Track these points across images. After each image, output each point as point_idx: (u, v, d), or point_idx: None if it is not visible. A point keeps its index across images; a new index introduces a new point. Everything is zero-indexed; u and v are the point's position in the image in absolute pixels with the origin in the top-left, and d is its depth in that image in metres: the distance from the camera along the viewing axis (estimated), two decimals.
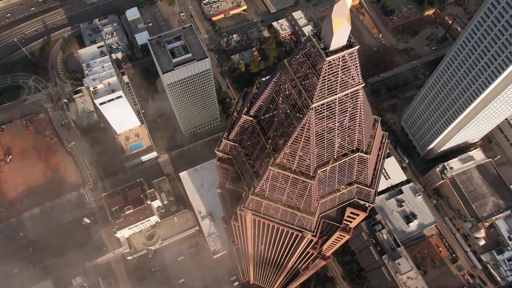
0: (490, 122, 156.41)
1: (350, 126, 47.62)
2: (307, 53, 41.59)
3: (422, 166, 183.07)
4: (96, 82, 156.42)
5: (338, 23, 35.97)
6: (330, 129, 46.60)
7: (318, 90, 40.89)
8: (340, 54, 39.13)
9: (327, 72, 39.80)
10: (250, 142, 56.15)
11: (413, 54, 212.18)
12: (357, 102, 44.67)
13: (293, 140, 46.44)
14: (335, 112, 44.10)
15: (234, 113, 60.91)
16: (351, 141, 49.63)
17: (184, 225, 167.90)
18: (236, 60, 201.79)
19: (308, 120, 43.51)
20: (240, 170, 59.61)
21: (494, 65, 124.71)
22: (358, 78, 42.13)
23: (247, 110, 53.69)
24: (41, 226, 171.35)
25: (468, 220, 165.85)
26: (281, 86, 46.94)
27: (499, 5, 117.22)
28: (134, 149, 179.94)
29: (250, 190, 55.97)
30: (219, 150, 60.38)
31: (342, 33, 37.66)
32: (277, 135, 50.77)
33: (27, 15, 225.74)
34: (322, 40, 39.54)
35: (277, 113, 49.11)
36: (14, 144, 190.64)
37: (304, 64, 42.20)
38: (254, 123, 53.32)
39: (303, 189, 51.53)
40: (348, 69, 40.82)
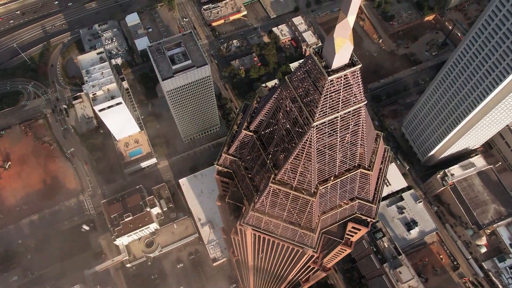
0: (491, 128, 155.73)
1: (352, 143, 46.87)
2: (308, 71, 40.88)
3: (423, 173, 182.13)
4: (96, 89, 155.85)
5: (340, 42, 35.23)
6: (332, 146, 45.82)
7: (320, 108, 40.14)
8: (342, 73, 38.42)
9: (328, 90, 39.07)
10: (250, 157, 55.34)
11: (413, 59, 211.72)
12: (359, 119, 43.92)
13: (294, 157, 45.67)
14: (337, 129, 43.34)
15: (234, 127, 60.06)
16: (353, 158, 48.85)
17: (184, 232, 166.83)
18: (236, 65, 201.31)
19: (310, 137, 42.74)
20: (240, 185, 58.77)
21: (495, 72, 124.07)
22: (361, 95, 41.41)
23: (247, 125, 52.91)
24: (40, 233, 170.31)
25: (470, 227, 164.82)
26: (281, 102, 46.20)
27: (500, 13, 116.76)
28: (134, 156, 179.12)
29: (250, 205, 55.12)
30: (219, 164, 59.53)
31: (344, 52, 36.93)
32: (278, 151, 50.02)
33: (27, 20, 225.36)
34: (324, 58, 38.81)
35: (278, 129, 48.35)
36: (13, 150, 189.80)
37: (305, 82, 41.48)
38: (255, 138, 52.52)
39: (304, 206, 50.70)
40: (350, 87, 40.09)
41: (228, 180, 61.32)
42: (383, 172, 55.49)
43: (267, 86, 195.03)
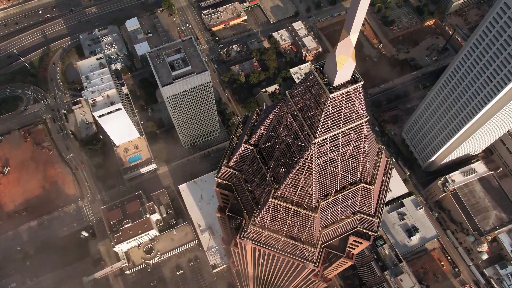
0: (492, 134, 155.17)
1: (353, 157, 46.19)
2: (309, 87, 40.25)
3: (424, 179, 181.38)
4: (95, 95, 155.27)
5: (342, 60, 34.59)
6: (333, 161, 45.16)
7: (321, 125, 39.51)
8: (344, 91, 37.79)
9: (330, 107, 38.44)
10: (250, 170, 54.66)
11: (413, 64, 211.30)
12: (361, 134, 43.29)
13: (295, 173, 44.98)
14: (339, 145, 42.68)
15: (234, 139, 59.37)
16: (354, 172, 48.17)
17: (183, 238, 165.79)
18: (236, 71, 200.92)
19: (311, 153, 42.07)
20: (240, 197, 58.06)
21: (496, 79, 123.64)
22: (363, 111, 40.78)
23: (247, 139, 52.21)
24: (39, 239, 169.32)
25: (471, 233, 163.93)
26: (282, 117, 45.57)
27: (501, 20, 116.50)
28: (133, 161, 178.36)
29: (251, 219, 54.37)
30: (218, 177, 58.81)
31: (346, 69, 36.29)
32: (278, 165, 49.32)
33: (27, 25, 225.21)
34: (325, 75, 38.19)
35: (278, 143, 47.69)
36: (12, 155, 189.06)
37: (307, 98, 40.85)
38: (255, 152, 51.84)
39: (305, 221, 49.97)
40: (353, 104, 39.48)
41: (228, 192, 60.55)
42: (385, 186, 54.78)
43: (267, 91, 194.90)
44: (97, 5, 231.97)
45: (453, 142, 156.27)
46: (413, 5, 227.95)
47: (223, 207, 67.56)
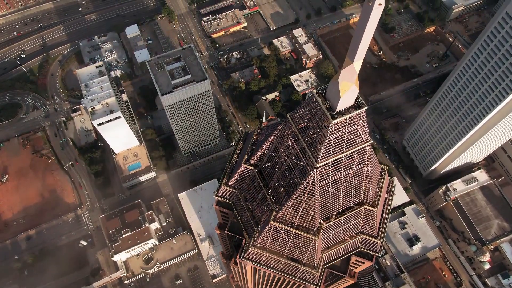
0: (494, 143, 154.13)
1: (356, 180, 45.16)
2: (311, 110, 39.32)
3: (425, 187, 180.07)
4: (94, 103, 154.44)
5: (346, 87, 33.70)
6: (335, 184, 44.12)
7: (323, 150, 38.54)
8: (347, 116, 36.85)
9: (333, 132, 37.48)
10: (250, 189, 53.63)
11: (414, 71, 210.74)
12: (364, 158, 42.29)
13: (296, 196, 43.94)
14: (341, 168, 41.69)
15: (233, 157, 58.34)
16: (357, 194, 47.14)
17: (183, 247, 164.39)
18: (236, 78, 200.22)
19: (313, 177, 41.05)
20: (240, 217, 56.96)
21: (498, 89, 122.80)
22: (366, 135, 39.84)
23: (247, 159, 51.19)
24: (37, 248, 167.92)
25: (473, 243, 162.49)
26: (283, 139, 44.62)
27: (502, 30, 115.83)
28: (133, 169, 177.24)
29: (251, 240, 53.24)
30: (218, 195, 57.74)
31: (350, 95, 35.37)
32: (279, 186, 48.31)
33: (27, 32, 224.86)
34: (328, 100, 37.26)
35: (279, 165, 46.69)
36: (11, 163, 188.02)
37: (308, 121, 39.88)
38: (255, 172, 50.81)
39: (306, 244, 48.89)
40: (356, 128, 38.54)
41: (228, 210, 59.43)
42: (388, 205, 53.70)
43: (267, 99, 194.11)
44: (97, 11, 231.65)
45: (454, 150, 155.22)
46: (413, 12, 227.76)
47: (222, 224, 66.33)
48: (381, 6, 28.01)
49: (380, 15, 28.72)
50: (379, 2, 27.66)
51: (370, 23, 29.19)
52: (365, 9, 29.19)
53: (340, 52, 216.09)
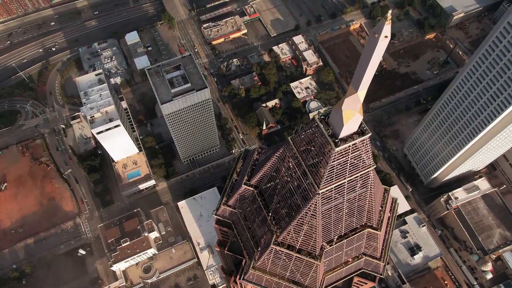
0: (496, 151, 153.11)
1: (359, 203, 44.12)
2: (313, 135, 38.34)
3: (426, 195, 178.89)
4: (94, 111, 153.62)
5: (349, 115, 32.76)
6: (338, 208, 43.09)
7: (326, 176, 37.53)
8: (350, 143, 35.87)
9: (336, 159, 36.50)
10: (251, 209, 52.55)
11: (414, 78, 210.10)
12: (367, 182, 41.26)
13: (297, 220, 42.87)
14: (344, 193, 40.65)
15: (233, 175, 57.28)
16: (360, 217, 46.07)
17: (182, 257, 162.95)
18: (236, 85, 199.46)
19: (315, 203, 40.01)
20: (240, 236, 55.82)
21: (500, 99, 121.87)
22: (369, 160, 38.91)
23: (247, 179, 50.14)
24: (35, 257, 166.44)
25: (475, 252, 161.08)
26: (284, 162, 43.62)
27: (504, 40, 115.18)
28: (132, 177, 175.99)
29: (251, 261, 52.09)
30: (217, 215, 56.65)
31: (353, 123, 34.40)
32: (280, 207, 47.27)
33: (26, 38, 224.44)
34: (330, 126, 36.29)
35: (280, 188, 45.64)
36: (10, 171, 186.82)
37: (310, 145, 38.90)
38: (255, 193, 49.75)
39: (308, 268, 47.74)
40: (359, 154, 37.56)
41: (228, 229, 58.30)
42: (391, 226, 52.59)
43: (267, 106, 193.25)
44: (97, 18, 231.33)
45: (456, 159, 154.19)
46: (413, 18, 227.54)
47: (222, 241, 65.17)
48: (387, 39, 27.10)
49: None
50: (385, 34, 26.75)
51: (376, 54, 28.29)
52: (371, 41, 28.31)
53: (341, 59, 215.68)
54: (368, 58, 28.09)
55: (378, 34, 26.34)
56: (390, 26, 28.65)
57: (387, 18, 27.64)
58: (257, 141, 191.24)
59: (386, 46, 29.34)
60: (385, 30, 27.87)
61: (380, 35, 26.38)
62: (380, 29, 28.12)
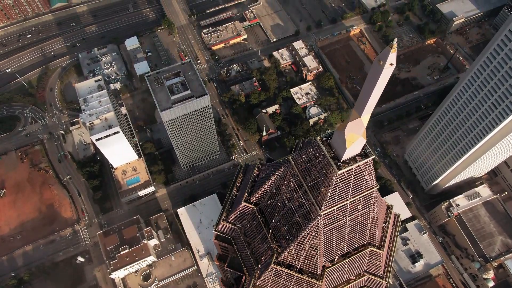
0: (498, 158, 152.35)
1: (362, 223, 43.25)
2: (315, 156, 37.54)
3: (427, 201, 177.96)
4: (93, 118, 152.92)
5: (352, 138, 31.97)
6: (341, 228, 42.23)
7: (328, 198, 36.70)
8: (353, 166, 35.06)
9: (338, 182, 35.68)
10: (251, 226, 51.67)
11: (415, 83, 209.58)
12: (370, 202, 40.42)
13: (299, 241, 41.99)
14: (346, 214, 39.82)
15: (233, 190, 56.41)
16: (362, 236, 45.19)
17: (182, 264, 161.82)
18: (236, 91, 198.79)
19: (317, 224, 39.16)
20: (240, 253, 54.86)
21: (502, 106, 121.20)
22: (372, 182, 38.07)
23: (247, 196, 49.28)
24: (33, 264, 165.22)
25: (476, 259, 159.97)
26: (285, 181, 42.78)
27: (506, 47, 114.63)
28: (131, 184, 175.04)
29: (251, 280, 51.12)
30: (217, 230, 55.75)
31: (356, 146, 33.61)
32: (281, 225, 46.41)
33: (26, 43, 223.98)
34: (333, 148, 35.50)
35: (281, 207, 44.79)
36: (8, 177, 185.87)
37: (311, 165, 38.08)
38: (255, 211, 48.89)
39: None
40: (362, 176, 36.75)
41: (228, 245, 57.36)
42: (394, 243, 51.69)
43: (267, 112, 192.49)
44: (97, 23, 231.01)
45: (457, 166, 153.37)
46: (414, 24, 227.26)
47: (222, 255, 64.20)
48: (392, 66, 26.36)
49: (381, 27, 26.90)
50: (391, 62, 26.03)
51: (381, 81, 27.58)
52: (375, 67, 27.59)
53: (341, 64, 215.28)
54: (373, 85, 27.43)
55: (383, 61, 25.65)
56: (395, 54, 28.06)
57: (392, 46, 26.98)
58: (257, 147, 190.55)
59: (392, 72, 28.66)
60: (391, 57, 27.26)
61: (385, 62, 25.69)
62: (385, 57, 27.48)
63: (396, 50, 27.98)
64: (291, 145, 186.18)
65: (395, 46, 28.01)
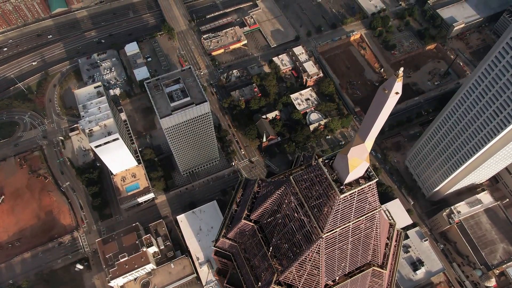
0: (500, 165, 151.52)
1: (364, 243, 42.40)
2: (316, 177, 36.71)
3: (428, 208, 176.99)
4: (92, 124, 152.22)
5: (356, 163, 31.18)
6: (342, 249, 41.37)
7: (330, 221, 35.87)
8: (356, 190, 34.24)
9: (340, 205, 34.87)
10: (251, 242, 50.75)
11: (415, 89, 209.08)
12: (373, 223, 39.58)
13: (300, 261, 41.12)
14: (348, 236, 38.96)
15: (233, 205, 55.54)
16: (365, 256, 44.32)
17: (181, 272, 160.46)
18: (236, 96, 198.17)
19: (318, 246, 38.30)
20: (239, 270, 53.93)
21: (504, 113, 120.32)
22: (375, 203, 37.23)
23: (247, 214, 48.42)
24: (32, 272, 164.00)
25: (478, 267, 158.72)
26: (285, 200, 41.94)
27: (507, 55, 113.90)
28: (131, 190, 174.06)
29: None
30: (216, 247, 54.85)
31: (359, 170, 32.82)
32: (281, 243, 45.53)
33: (25, 49, 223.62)
34: (335, 171, 34.70)
35: (281, 226, 43.93)
36: (7, 183, 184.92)
37: (313, 186, 37.25)
38: (255, 228, 48.03)
39: None
40: (365, 198, 35.94)
41: (227, 261, 56.43)
42: (396, 260, 50.78)
43: (267, 118, 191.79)
44: (97, 28, 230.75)
45: (458, 173, 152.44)
46: (414, 29, 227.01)
47: (222, 270, 63.23)
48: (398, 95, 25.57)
49: (381, 32, 26.20)
50: (396, 90, 25.26)
51: (385, 110, 26.81)
52: (380, 96, 26.89)
53: (341, 69, 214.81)
54: (377, 112, 26.70)
55: (388, 90, 24.90)
56: (401, 83, 27.33)
57: (398, 76, 26.17)
58: (257, 153, 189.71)
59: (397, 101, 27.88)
60: (396, 87, 26.53)
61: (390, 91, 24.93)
62: (390, 86, 26.71)
63: (402, 79, 27.33)
64: (291, 151, 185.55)
65: (401, 76, 27.27)
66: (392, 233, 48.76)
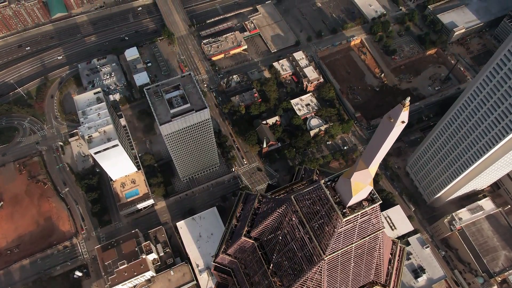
0: (501, 171, 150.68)
1: (367, 262, 41.54)
2: (319, 200, 35.89)
3: (429, 214, 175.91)
4: (92, 131, 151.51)
5: (359, 187, 30.38)
6: (345, 269, 40.50)
7: (332, 243, 35.05)
8: (359, 213, 33.45)
9: (343, 227, 34.06)
10: (251, 259, 49.87)
11: (416, 94, 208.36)
12: (376, 243, 38.73)
13: (301, 283, 40.24)
14: (351, 257, 38.13)
15: (233, 219, 54.70)
16: (367, 275, 43.45)
17: (181, 279, 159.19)
18: (236, 101, 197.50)
19: (320, 268, 37.46)
20: (239, 286, 52.98)
21: (505, 121, 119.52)
22: (379, 224, 36.39)
23: (247, 231, 47.58)
24: (30, 279, 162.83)
25: (480, 274, 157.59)
26: (286, 218, 41.12)
27: (509, 62, 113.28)
28: (130, 197, 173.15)
29: None
30: (216, 262, 53.97)
31: (363, 193, 32.02)
32: (282, 260, 44.67)
33: (25, 54, 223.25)
34: (338, 194, 33.91)
35: (282, 245, 43.08)
36: (6, 189, 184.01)
37: (315, 209, 36.44)
38: (256, 246, 47.17)
39: None
40: (369, 220, 35.14)
41: (227, 276, 55.53)
42: (399, 277, 49.89)
43: (267, 123, 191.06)
44: (97, 33, 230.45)
45: (460, 179, 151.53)
46: (414, 34, 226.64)
47: (221, 283, 62.31)
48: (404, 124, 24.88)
49: (381, 37, 25.47)
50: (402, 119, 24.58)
51: (390, 138, 26.11)
52: (385, 124, 26.20)
53: (341, 74, 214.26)
54: (382, 140, 26.03)
55: (394, 119, 24.34)
56: (407, 112, 26.81)
57: (404, 105, 25.70)
58: (257, 159, 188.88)
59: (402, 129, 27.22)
60: (402, 116, 26.01)
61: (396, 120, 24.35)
62: (396, 115, 26.14)
63: (408, 108, 26.79)
64: (292, 156, 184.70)
65: (408, 105, 26.75)
66: (395, 250, 47.98)
